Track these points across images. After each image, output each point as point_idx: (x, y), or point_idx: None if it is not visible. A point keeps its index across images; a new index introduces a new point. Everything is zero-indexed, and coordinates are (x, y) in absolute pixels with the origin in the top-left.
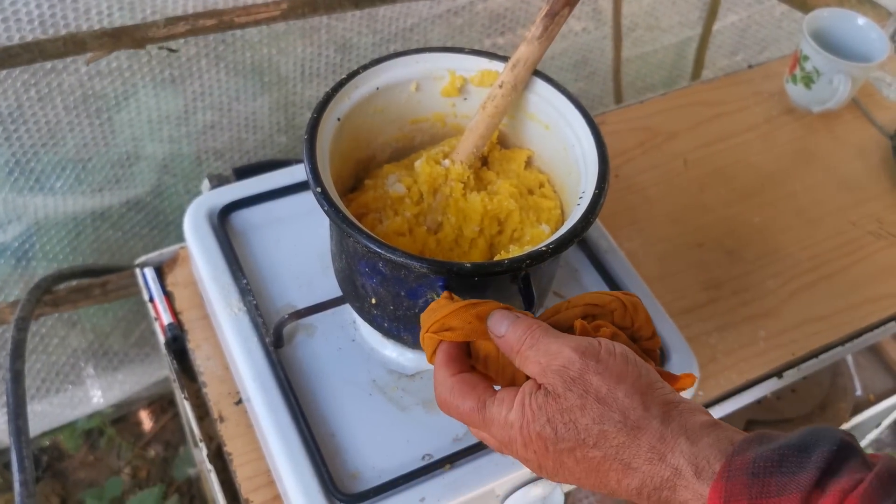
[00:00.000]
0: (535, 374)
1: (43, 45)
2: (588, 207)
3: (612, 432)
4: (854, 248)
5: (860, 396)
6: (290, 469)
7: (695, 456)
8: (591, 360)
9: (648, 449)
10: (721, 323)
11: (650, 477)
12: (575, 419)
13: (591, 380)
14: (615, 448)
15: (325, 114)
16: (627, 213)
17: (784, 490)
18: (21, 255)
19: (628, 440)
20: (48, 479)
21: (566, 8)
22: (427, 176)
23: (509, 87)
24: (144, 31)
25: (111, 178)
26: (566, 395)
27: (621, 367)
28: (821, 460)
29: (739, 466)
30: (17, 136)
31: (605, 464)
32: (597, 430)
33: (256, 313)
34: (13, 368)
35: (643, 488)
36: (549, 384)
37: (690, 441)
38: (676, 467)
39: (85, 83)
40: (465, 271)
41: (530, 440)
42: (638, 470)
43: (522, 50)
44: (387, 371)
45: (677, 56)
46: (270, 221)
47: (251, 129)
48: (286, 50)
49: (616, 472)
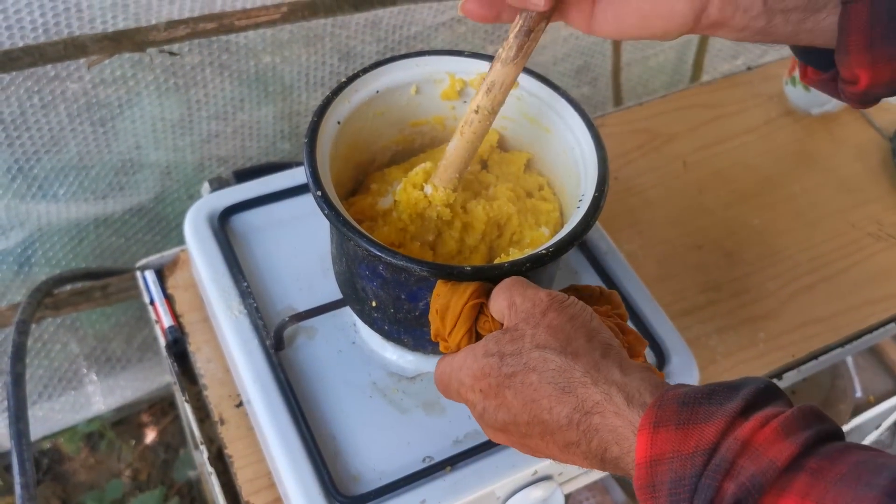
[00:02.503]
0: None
1: (43, 48)
2: (588, 210)
3: (552, 357)
4: (853, 249)
5: (860, 398)
6: (291, 471)
7: (626, 385)
8: (555, 303)
9: (583, 374)
10: (721, 325)
11: (582, 401)
12: (522, 345)
13: (547, 315)
14: (552, 372)
15: (326, 117)
16: (627, 215)
17: (711, 417)
18: (24, 261)
19: (565, 364)
20: (49, 482)
21: (542, 22)
22: (406, 203)
23: (486, 112)
24: (145, 34)
25: (114, 184)
26: (520, 326)
27: (578, 311)
28: (748, 394)
29: (671, 397)
30: (20, 143)
31: (540, 389)
32: (538, 354)
33: (257, 316)
34: (14, 371)
35: (574, 414)
36: (511, 322)
37: (623, 372)
38: (607, 392)
39: (88, 91)
40: (465, 275)
41: (479, 375)
42: (571, 394)
43: (497, 72)
44: (387, 373)
45: (678, 60)
46: (271, 224)
47: (254, 136)
48: (289, 58)
49: (549, 399)
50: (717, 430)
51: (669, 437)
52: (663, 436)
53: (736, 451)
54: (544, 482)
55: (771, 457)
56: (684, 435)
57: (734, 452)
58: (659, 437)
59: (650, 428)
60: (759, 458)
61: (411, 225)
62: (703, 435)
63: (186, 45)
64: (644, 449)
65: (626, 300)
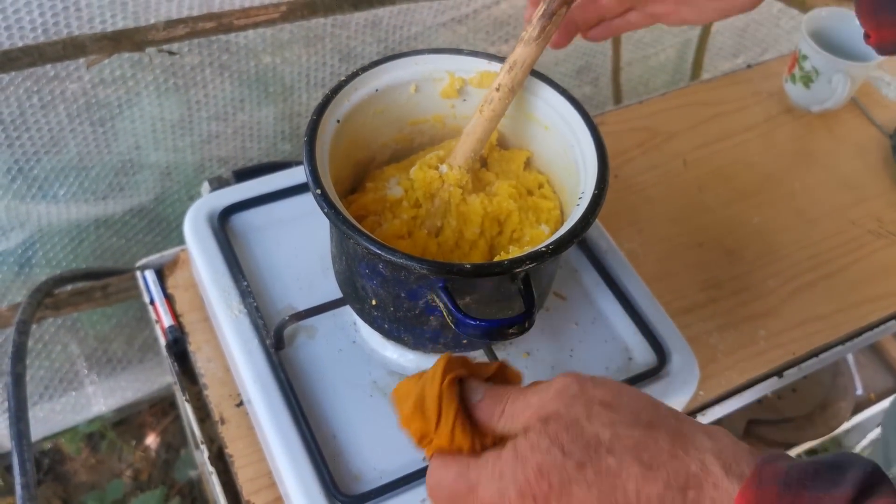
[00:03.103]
0: (527, 417)
1: (42, 48)
2: (588, 208)
3: (625, 433)
4: (854, 247)
5: (861, 395)
6: (292, 471)
7: (720, 451)
8: (587, 380)
9: (669, 443)
10: (721, 323)
11: (674, 475)
12: (582, 429)
13: (593, 392)
14: (632, 449)
15: (325, 116)
16: (627, 213)
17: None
18: (24, 262)
19: (644, 437)
20: (50, 482)
21: (564, 7)
22: (422, 181)
23: (506, 89)
24: (144, 33)
25: (113, 185)
26: (568, 412)
27: (616, 382)
28: (856, 479)
29: (771, 475)
30: (19, 143)
31: (622, 472)
32: (608, 433)
33: (257, 315)
34: (14, 371)
35: (666, 493)
36: (546, 412)
37: (711, 438)
38: (703, 461)
39: (88, 91)
40: (465, 272)
41: (528, 482)
42: (660, 469)
43: (519, 51)
44: (387, 372)
45: (679, 59)
46: (271, 223)
47: (255, 137)
48: (290, 59)
49: (635, 480)
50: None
51: None
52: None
53: None
54: None
55: None
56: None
57: None
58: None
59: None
60: None
61: (424, 204)
62: None
63: (186, 45)
64: None
65: (627, 298)
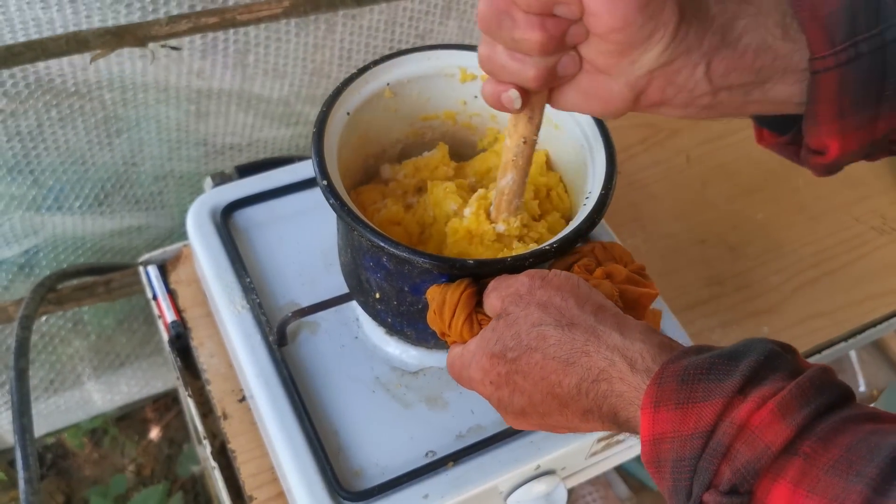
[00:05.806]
0: (496, 307)
1: (45, 43)
2: (594, 207)
3: (549, 332)
4: (857, 243)
5: (864, 392)
6: (294, 466)
7: (626, 348)
8: (537, 279)
9: (583, 342)
10: (724, 319)
11: (587, 370)
12: (518, 328)
13: (535, 293)
14: (553, 346)
15: (335, 108)
16: (630, 209)
17: (709, 396)
18: (24, 263)
19: (563, 336)
20: (53, 477)
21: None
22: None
23: (532, 139)
24: (147, 29)
25: (115, 184)
26: (513, 311)
27: (563, 281)
28: (747, 368)
29: (671, 373)
30: (19, 139)
31: (546, 366)
32: (535, 332)
33: (260, 311)
34: (17, 367)
35: (582, 384)
36: (503, 310)
37: (623, 335)
38: (610, 359)
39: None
40: (469, 268)
41: (487, 368)
42: (575, 364)
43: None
44: (390, 368)
45: None
46: (273, 219)
47: (259, 135)
48: (296, 56)
49: (556, 373)
50: (715, 412)
51: (670, 417)
52: (664, 415)
53: (732, 435)
54: (547, 477)
55: (767, 441)
56: (683, 415)
57: (730, 436)
58: (660, 416)
59: (651, 407)
60: (754, 442)
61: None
62: (701, 416)
63: (188, 41)
64: (647, 427)
65: None
